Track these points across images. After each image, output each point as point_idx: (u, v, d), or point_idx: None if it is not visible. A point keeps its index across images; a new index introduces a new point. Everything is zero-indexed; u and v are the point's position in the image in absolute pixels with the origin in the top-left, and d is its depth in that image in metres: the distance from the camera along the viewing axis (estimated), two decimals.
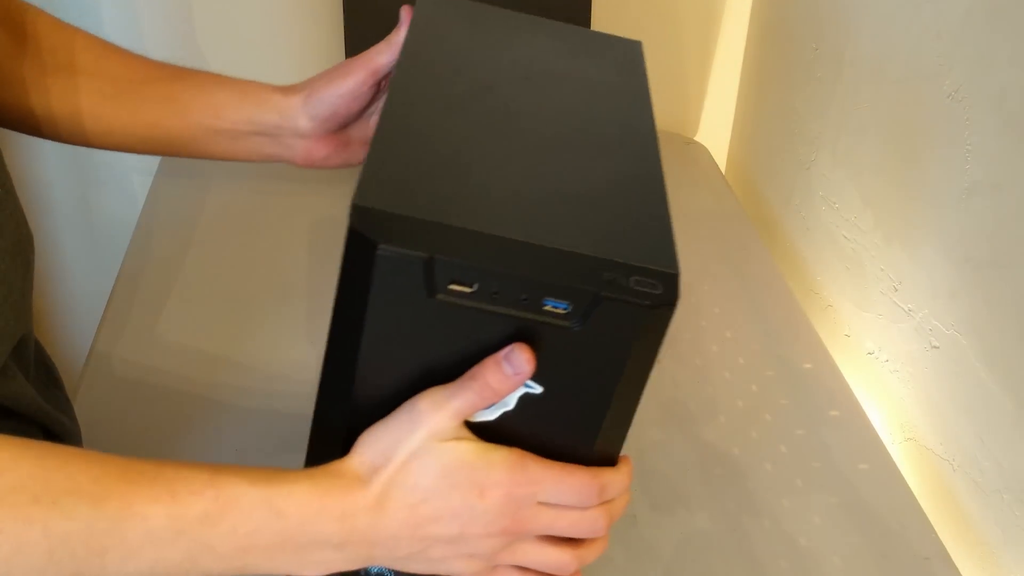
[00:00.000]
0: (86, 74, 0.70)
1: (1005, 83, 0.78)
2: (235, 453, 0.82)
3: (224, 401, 0.88)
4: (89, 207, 1.40)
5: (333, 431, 0.52)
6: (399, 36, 0.67)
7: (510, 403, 0.50)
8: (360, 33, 1.16)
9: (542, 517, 0.51)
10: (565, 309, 0.46)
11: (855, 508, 0.81)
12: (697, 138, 1.44)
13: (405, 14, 0.66)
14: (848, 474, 0.84)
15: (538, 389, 0.49)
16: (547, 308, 0.46)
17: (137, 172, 1.36)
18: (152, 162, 1.30)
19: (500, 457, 0.49)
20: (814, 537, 0.78)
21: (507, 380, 0.47)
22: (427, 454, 0.48)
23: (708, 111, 1.43)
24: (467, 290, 0.46)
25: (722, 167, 1.42)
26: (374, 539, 0.49)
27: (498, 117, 0.55)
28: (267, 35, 1.29)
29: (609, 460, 0.53)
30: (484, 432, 0.51)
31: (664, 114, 1.42)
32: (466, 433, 0.49)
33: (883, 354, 0.99)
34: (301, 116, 0.69)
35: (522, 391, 0.49)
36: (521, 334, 0.47)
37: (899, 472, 0.85)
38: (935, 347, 0.89)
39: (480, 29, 0.65)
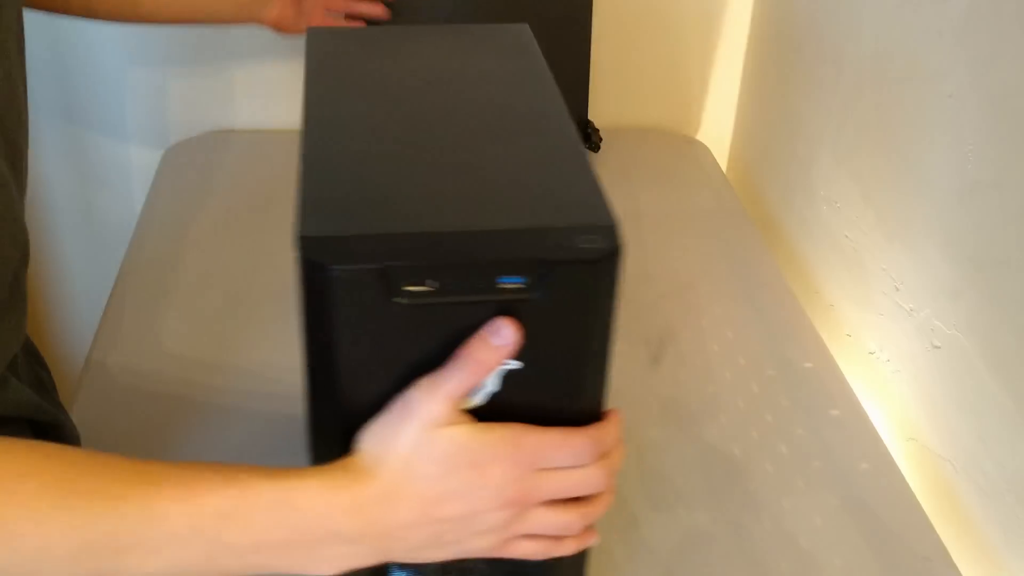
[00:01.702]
0: None
1: (1005, 83, 0.78)
2: (235, 455, 0.81)
3: (224, 402, 0.88)
4: (89, 207, 1.40)
5: (330, 435, 0.53)
6: None
7: (495, 384, 0.51)
8: None
9: (546, 484, 0.52)
10: (522, 283, 0.48)
11: (856, 508, 0.81)
12: (698, 137, 1.44)
13: None
14: (849, 474, 0.84)
15: (517, 364, 0.51)
16: (504, 286, 0.48)
17: (137, 172, 1.36)
18: (152, 162, 1.30)
19: (496, 435, 0.50)
20: (815, 537, 0.78)
21: (496, 352, 0.49)
22: (426, 442, 0.49)
23: (709, 110, 1.43)
24: (425, 289, 0.48)
25: (723, 166, 1.41)
26: (386, 530, 0.50)
27: (411, 125, 0.59)
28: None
29: (596, 416, 0.55)
30: (479, 416, 0.52)
31: (665, 113, 1.43)
32: (461, 417, 0.51)
33: (884, 354, 0.99)
34: None
35: (504, 370, 0.51)
36: (487, 316, 0.49)
37: (900, 472, 0.85)
38: (936, 347, 0.89)
39: (372, 49, 0.69)
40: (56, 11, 0.83)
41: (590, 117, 1.34)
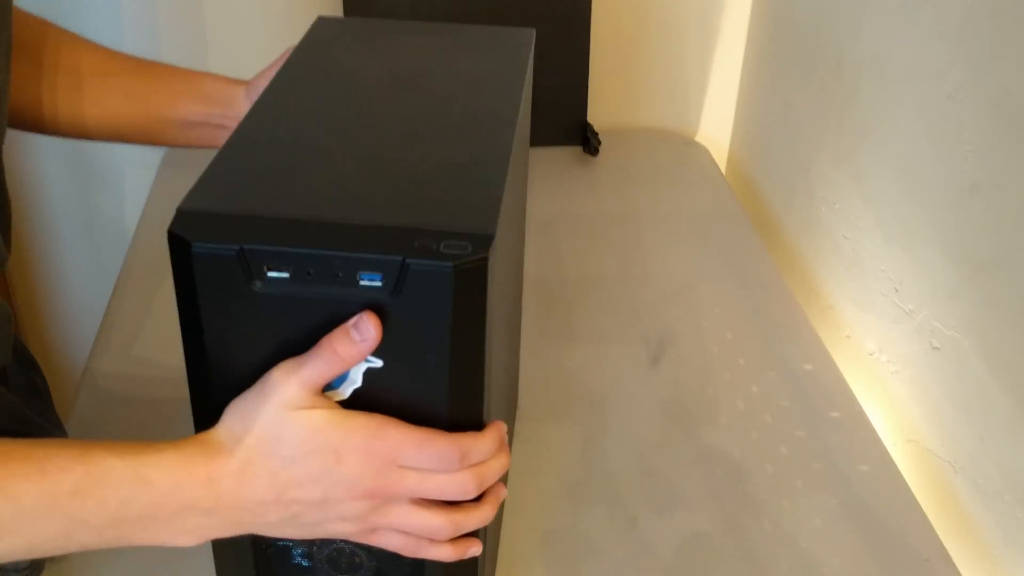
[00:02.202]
0: (59, 68, 0.74)
1: (1005, 83, 0.78)
2: None
3: None
4: (89, 207, 1.40)
5: (206, 412, 0.54)
6: None
7: (357, 379, 0.51)
8: None
9: (406, 481, 0.52)
10: (380, 281, 0.48)
11: (856, 509, 0.81)
12: (697, 138, 1.44)
13: None
14: (849, 475, 0.84)
15: (378, 363, 0.51)
16: (364, 283, 0.48)
17: (137, 172, 1.36)
18: (153, 162, 1.30)
19: (358, 423, 0.51)
20: (814, 538, 0.78)
21: (354, 347, 0.49)
22: (283, 422, 0.50)
23: (708, 111, 1.43)
24: (284, 276, 0.48)
25: (722, 167, 1.42)
26: (240, 504, 0.51)
27: (353, 119, 0.59)
28: (268, 33, 1.29)
29: (474, 425, 0.54)
30: (350, 408, 0.52)
31: (664, 114, 1.43)
32: (321, 402, 0.51)
33: (884, 355, 0.99)
34: (244, 105, 0.74)
35: (364, 366, 0.51)
36: (346, 312, 0.49)
37: (900, 473, 0.85)
38: (936, 348, 0.89)
39: (368, 41, 0.69)
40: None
41: (589, 119, 1.34)
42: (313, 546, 0.58)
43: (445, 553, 0.55)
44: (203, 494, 0.50)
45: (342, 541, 0.58)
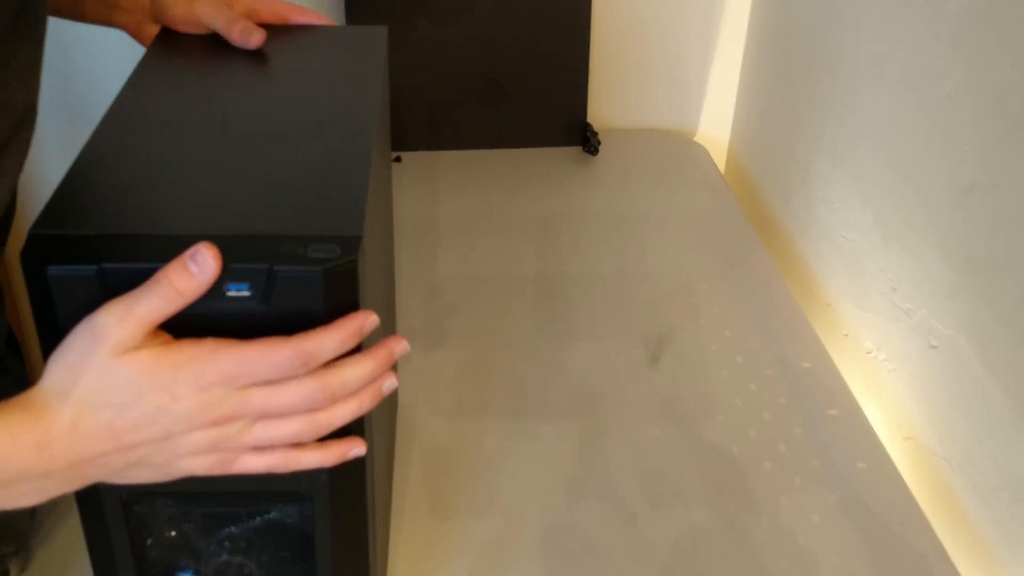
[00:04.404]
0: None
1: (1004, 83, 0.78)
2: None
3: None
4: None
5: None
6: None
7: None
8: None
9: (251, 400, 0.49)
10: (247, 291, 0.47)
11: (853, 507, 0.81)
12: (696, 138, 1.44)
13: None
14: (846, 473, 0.85)
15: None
16: (231, 294, 0.47)
17: None
18: None
19: (186, 354, 0.47)
20: (812, 535, 0.78)
21: (192, 280, 0.46)
22: (112, 369, 0.47)
23: (708, 111, 1.43)
24: None
25: (721, 167, 1.42)
26: (78, 460, 0.48)
27: (207, 127, 0.57)
28: None
29: (358, 429, 0.52)
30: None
31: (663, 114, 1.43)
32: (151, 340, 0.48)
33: (882, 353, 0.99)
34: None
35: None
36: (216, 325, 0.47)
37: (897, 471, 0.86)
38: (933, 347, 0.89)
39: (215, 47, 0.68)
40: None
41: (589, 119, 1.34)
42: (200, 562, 0.56)
43: (318, 458, 0.52)
44: (35, 460, 0.47)
45: (227, 554, 0.56)
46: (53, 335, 0.48)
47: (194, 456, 0.50)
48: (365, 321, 0.50)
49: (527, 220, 1.20)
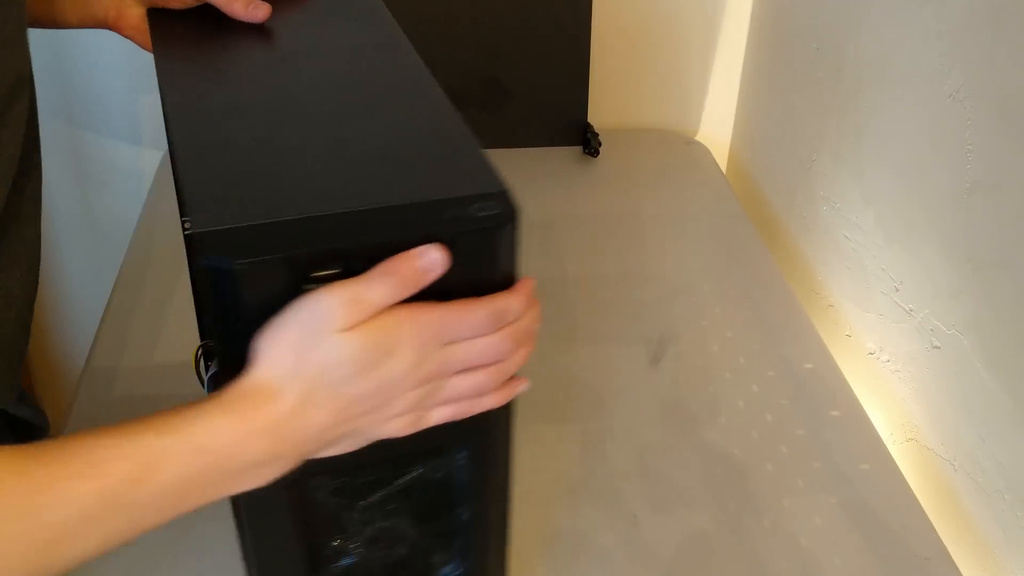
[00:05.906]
0: None
1: (1006, 83, 0.78)
2: None
3: None
4: (89, 207, 1.40)
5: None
6: None
7: None
8: None
9: (454, 356, 0.52)
10: None
11: (856, 508, 0.81)
12: (698, 138, 1.44)
13: None
14: (849, 474, 0.84)
15: None
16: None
17: (137, 172, 1.36)
18: (152, 162, 1.30)
19: (398, 318, 0.49)
20: (815, 537, 0.78)
21: (419, 273, 0.48)
22: (343, 344, 0.48)
23: (709, 111, 1.43)
24: (333, 273, 0.47)
25: (723, 167, 1.41)
26: (303, 439, 0.50)
27: (276, 105, 0.57)
28: None
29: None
30: None
31: (665, 113, 1.43)
32: (372, 316, 0.49)
33: (884, 354, 0.99)
34: None
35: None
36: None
37: (900, 472, 0.85)
38: (936, 347, 0.89)
39: (212, 27, 0.67)
40: None
41: (590, 119, 1.34)
42: (356, 536, 0.57)
43: (493, 401, 0.55)
44: (265, 445, 0.48)
45: (381, 520, 0.57)
46: (244, 329, 0.48)
47: (400, 417, 0.52)
48: (532, 283, 0.54)
49: (527, 221, 1.19)
